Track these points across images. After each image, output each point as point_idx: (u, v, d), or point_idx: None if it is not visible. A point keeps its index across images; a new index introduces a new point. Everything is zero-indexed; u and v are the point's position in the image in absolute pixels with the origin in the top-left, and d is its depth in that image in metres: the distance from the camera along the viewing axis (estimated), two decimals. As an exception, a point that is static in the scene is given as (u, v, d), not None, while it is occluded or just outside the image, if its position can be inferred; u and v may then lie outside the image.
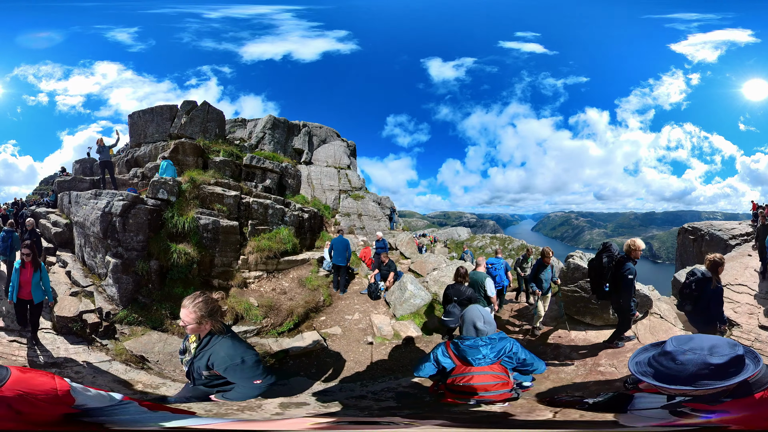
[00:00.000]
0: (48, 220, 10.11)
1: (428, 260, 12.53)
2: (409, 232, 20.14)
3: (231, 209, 8.72)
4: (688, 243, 22.96)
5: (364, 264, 11.26)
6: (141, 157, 11.92)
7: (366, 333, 7.37)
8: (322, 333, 7.28)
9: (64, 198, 10.44)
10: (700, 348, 1.42)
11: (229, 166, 11.08)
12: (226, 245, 8.23)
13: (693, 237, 21.38)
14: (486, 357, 3.27)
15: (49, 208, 11.55)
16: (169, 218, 7.37)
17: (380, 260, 9.45)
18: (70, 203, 9.70)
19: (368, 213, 17.26)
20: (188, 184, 8.42)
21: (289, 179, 13.21)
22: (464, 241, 27.58)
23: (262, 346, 6.40)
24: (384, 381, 5.43)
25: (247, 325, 6.98)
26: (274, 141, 15.75)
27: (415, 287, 8.46)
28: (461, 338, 3.38)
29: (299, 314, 7.60)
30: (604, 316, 6.35)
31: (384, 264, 9.32)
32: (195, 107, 12.08)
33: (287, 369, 6.10)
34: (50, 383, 1.44)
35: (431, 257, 13.10)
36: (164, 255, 6.84)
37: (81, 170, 13.28)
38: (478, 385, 3.24)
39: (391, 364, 6.15)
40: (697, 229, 21.88)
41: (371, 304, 8.67)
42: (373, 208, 17.51)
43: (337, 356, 6.47)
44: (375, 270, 9.48)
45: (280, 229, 9.73)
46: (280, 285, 8.85)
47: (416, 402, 4.07)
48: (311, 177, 16.85)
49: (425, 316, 7.94)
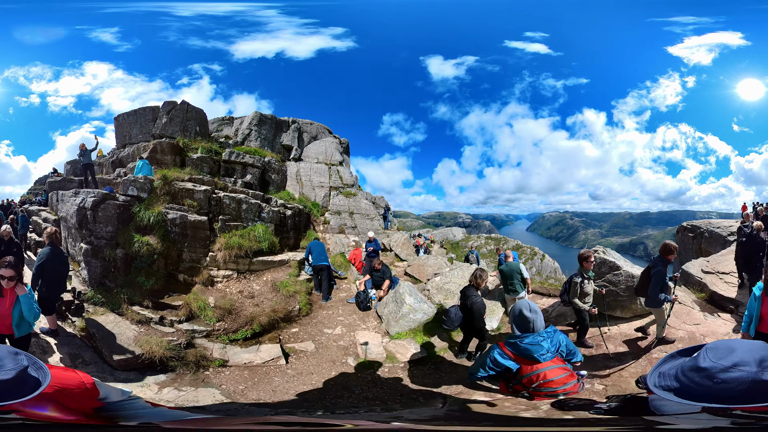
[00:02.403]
0: (39, 217, 11.77)
1: (427, 263, 12.08)
2: (405, 232, 20.18)
3: (201, 204, 9.74)
4: (687, 240, 23.80)
5: (353, 267, 11.00)
6: (125, 158, 13.13)
7: (348, 352, 6.76)
8: (288, 348, 6.92)
9: (53, 197, 12.04)
10: (746, 362, 1.30)
11: (206, 163, 12.19)
12: (194, 240, 9.07)
13: (692, 235, 22.30)
14: (549, 351, 3.59)
15: (41, 206, 13.29)
16: (137, 212, 8.44)
17: (372, 265, 8.98)
18: (57, 201, 11.26)
19: (360, 211, 17.56)
20: (159, 181, 9.60)
21: (272, 174, 14.27)
22: (459, 242, 28.19)
23: (204, 348, 6.51)
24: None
25: (198, 324, 7.24)
26: (261, 137, 16.83)
27: (415, 300, 7.74)
28: (517, 337, 3.65)
29: (261, 323, 7.34)
30: (632, 307, 6.72)
31: (377, 270, 8.74)
32: (175, 107, 13.35)
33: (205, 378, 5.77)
34: (77, 377, 1.59)
35: (430, 260, 12.79)
36: (129, 245, 7.80)
37: (72, 171, 14.87)
38: (557, 380, 3.53)
39: (382, 395, 5.37)
40: (696, 226, 22.82)
41: (359, 317, 8.16)
42: (365, 206, 17.86)
43: (292, 379, 5.88)
44: (365, 275, 9.01)
45: (255, 225, 10.08)
46: (249, 287, 8.93)
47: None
48: (300, 173, 17.68)
49: (429, 332, 7.16)
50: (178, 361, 5.96)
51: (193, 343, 6.64)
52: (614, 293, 6.78)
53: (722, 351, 1.36)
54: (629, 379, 5.18)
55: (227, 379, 5.95)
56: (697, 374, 1.37)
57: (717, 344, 1.42)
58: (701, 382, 1.34)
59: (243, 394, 5.54)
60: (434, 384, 5.62)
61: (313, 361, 6.50)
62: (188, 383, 5.75)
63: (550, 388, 3.47)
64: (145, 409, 1.82)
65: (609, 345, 6.04)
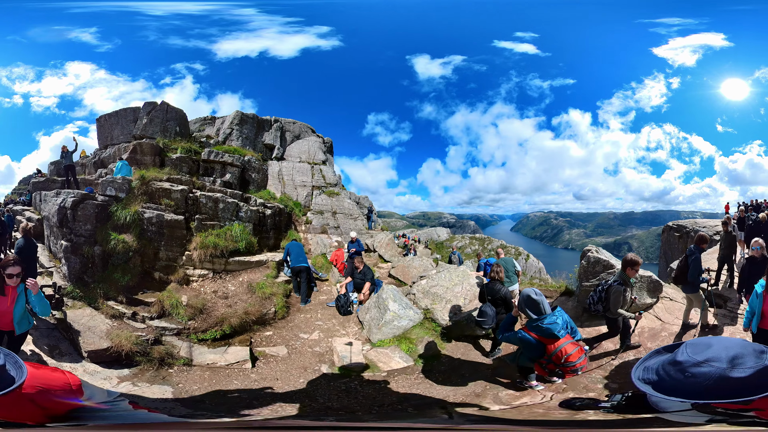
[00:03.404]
0: (23, 216, 12.63)
1: (412, 265, 12.05)
2: (389, 232, 20.67)
3: (178, 203, 10.52)
4: (673, 240, 25.24)
5: (335, 269, 11.04)
6: (107, 159, 13.85)
7: (323, 359, 6.70)
8: (258, 351, 6.96)
9: (36, 197, 12.87)
10: (718, 359, 1.37)
11: (186, 163, 12.95)
12: (171, 239, 9.77)
13: (678, 234, 23.69)
14: (563, 328, 4.45)
15: (25, 206, 14.13)
16: (115, 212, 9.20)
17: (353, 266, 8.81)
18: (40, 201, 12.08)
19: (344, 211, 18.13)
20: (137, 182, 10.42)
21: (252, 174, 15.05)
22: (444, 242, 29.22)
23: (172, 346, 6.80)
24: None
25: (169, 322, 7.65)
26: (243, 137, 17.61)
27: (399, 306, 7.67)
28: (536, 320, 4.43)
29: (232, 324, 7.54)
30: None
31: (358, 271, 8.61)
32: (155, 108, 14.12)
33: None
34: (63, 378, 1.65)
35: (415, 261, 12.76)
36: (106, 242, 8.51)
37: (55, 171, 15.63)
38: (573, 353, 4.35)
39: (353, 404, 5.14)
40: (682, 226, 24.30)
41: (339, 321, 8.17)
42: (349, 206, 18.46)
43: (252, 384, 5.91)
44: (347, 278, 8.88)
45: (232, 225, 10.62)
46: (224, 287, 9.30)
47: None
48: (282, 172, 18.41)
49: (416, 339, 7.04)
50: (143, 356, 6.30)
51: (161, 340, 7.01)
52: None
53: (700, 346, 1.45)
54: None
55: (187, 379, 6.10)
56: (673, 368, 1.45)
57: (698, 340, 1.52)
58: (674, 375, 1.43)
59: (191, 394, 5.67)
60: (419, 395, 5.35)
61: (282, 366, 6.46)
62: (147, 379, 6.00)
63: (572, 362, 4.33)
64: (126, 411, 1.90)
65: (609, 344, 6.24)
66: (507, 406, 4.73)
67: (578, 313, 7.72)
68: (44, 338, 7.08)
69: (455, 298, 8.15)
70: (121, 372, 6.17)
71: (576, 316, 7.46)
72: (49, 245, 10.21)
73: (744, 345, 1.43)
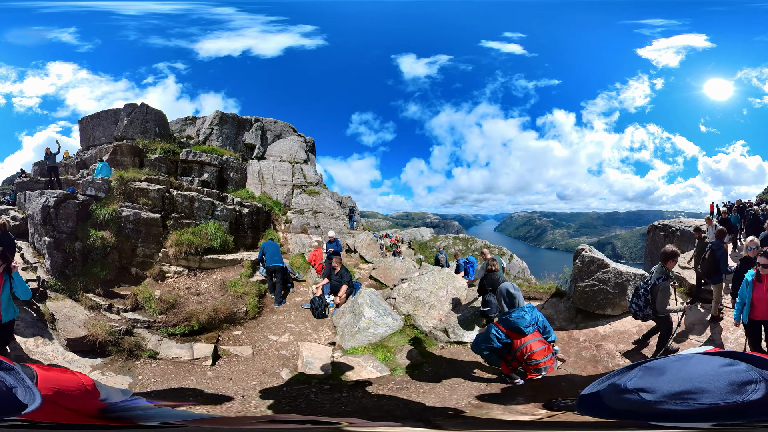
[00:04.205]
0: (8, 215, 13.72)
1: (393, 266, 11.89)
2: (370, 232, 21.01)
3: (155, 202, 11.52)
4: (658, 240, 26.22)
5: (313, 270, 11.00)
6: (89, 159, 14.77)
7: (286, 363, 6.69)
8: (222, 350, 7.14)
9: (21, 197, 13.94)
10: (652, 390, 1.26)
11: (164, 163, 13.96)
12: (148, 237, 10.74)
13: (664, 233, 24.72)
14: (531, 324, 4.57)
15: (10, 206, 15.20)
16: (95, 210, 10.26)
17: (331, 267, 8.55)
18: (25, 201, 13.16)
19: (324, 210, 18.54)
20: (116, 182, 11.48)
21: (231, 173, 16.10)
22: (428, 242, 30.35)
23: (142, 338, 7.21)
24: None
25: (141, 315, 8.22)
26: (223, 137, 18.53)
27: (376, 312, 7.39)
28: (506, 313, 4.64)
29: (200, 321, 7.85)
30: (622, 304, 7.20)
31: (335, 272, 8.39)
32: (135, 109, 15.14)
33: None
34: (76, 378, 1.67)
35: (397, 262, 12.59)
36: (86, 239, 9.53)
37: (39, 172, 16.57)
38: (538, 351, 4.43)
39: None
40: (668, 226, 25.32)
41: (312, 325, 8.20)
42: (330, 205, 18.93)
43: (206, 382, 6.04)
44: (324, 279, 8.69)
45: (208, 223, 11.58)
46: (197, 284, 9.85)
47: None
48: (263, 172, 19.23)
49: (395, 347, 6.76)
50: (114, 346, 6.85)
51: (132, 331, 7.57)
52: (604, 291, 7.28)
53: (653, 371, 1.34)
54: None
55: (149, 371, 6.41)
56: (611, 387, 1.40)
57: (657, 363, 1.39)
58: (609, 394, 1.40)
59: (145, 387, 6.01)
60: (390, 409, 4.99)
61: (242, 367, 6.53)
62: (115, 369, 6.41)
63: (535, 360, 4.44)
64: (149, 409, 1.88)
65: (619, 344, 6.54)
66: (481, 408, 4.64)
67: (572, 315, 7.81)
68: (29, 328, 8.14)
69: (439, 303, 7.92)
70: (94, 361, 6.70)
71: (570, 319, 7.68)
72: (33, 243, 11.26)
73: (716, 376, 1.23)
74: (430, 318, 7.65)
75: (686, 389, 1.23)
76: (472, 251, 27.93)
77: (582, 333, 7.09)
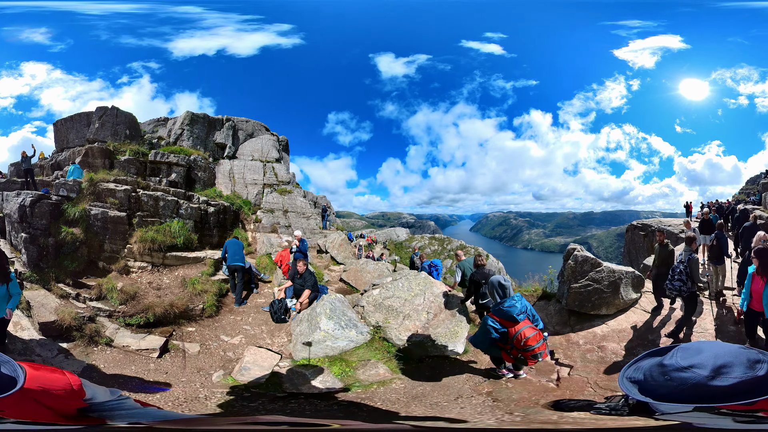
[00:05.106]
0: (-13, 215, 15.37)
1: (366, 269, 11.87)
2: (342, 232, 21.55)
3: (122, 202, 13.10)
4: (638, 239, 27.97)
5: (279, 271, 11.20)
6: (63, 161, 16.23)
7: (226, 366, 6.79)
8: (172, 344, 7.59)
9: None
10: (701, 365, 1.45)
11: (133, 164, 15.54)
12: (114, 234, 12.24)
13: (644, 233, 26.42)
14: (522, 312, 4.87)
15: (-12, 206, 16.88)
16: (66, 209, 11.96)
17: (296, 269, 8.55)
18: (2, 201, 14.83)
19: (296, 209, 19.18)
20: (86, 183, 13.15)
21: (198, 172, 17.66)
22: (403, 242, 31.87)
23: (102, 326, 8.02)
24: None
25: (104, 304, 9.20)
26: (194, 137, 19.95)
27: (335, 324, 6.99)
28: (499, 303, 4.92)
29: (155, 313, 8.57)
30: (616, 303, 7.60)
31: (299, 276, 8.29)
32: (106, 112, 16.70)
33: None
34: (64, 378, 1.77)
35: (369, 265, 12.57)
36: (58, 235, 11.23)
37: (15, 173, 18.21)
38: (531, 337, 4.75)
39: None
40: (648, 225, 27.06)
41: (269, 329, 8.21)
42: (301, 204, 19.67)
43: (145, 372, 6.32)
44: (288, 281, 8.75)
45: (172, 222, 12.93)
46: (159, 280, 10.78)
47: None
48: (233, 171, 20.39)
49: (357, 362, 6.38)
50: (78, 331, 7.74)
51: (95, 319, 8.45)
52: (598, 291, 7.56)
53: (690, 351, 1.54)
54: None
55: (101, 357, 7.02)
56: (658, 369, 1.57)
57: (691, 345, 1.60)
58: (656, 377, 1.55)
59: (88, 372, 6.42)
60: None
61: (183, 363, 6.86)
62: (77, 354, 7.11)
63: (530, 346, 4.75)
64: (134, 409, 1.95)
65: (613, 344, 6.83)
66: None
67: (564, 318, 8.02)
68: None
69: (415, 312, 7.50)
70: (61, 345, 7.55)
71: (563, 322, 7.87)
72: (10, 239, 12.89)
73: (737, 353, 1.47)
74: (405, 330, 7.12)
75: (723, 363, 1.43)
76: (449, 251, 29.42)
77: (580, 336, 7.18)
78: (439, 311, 7.58)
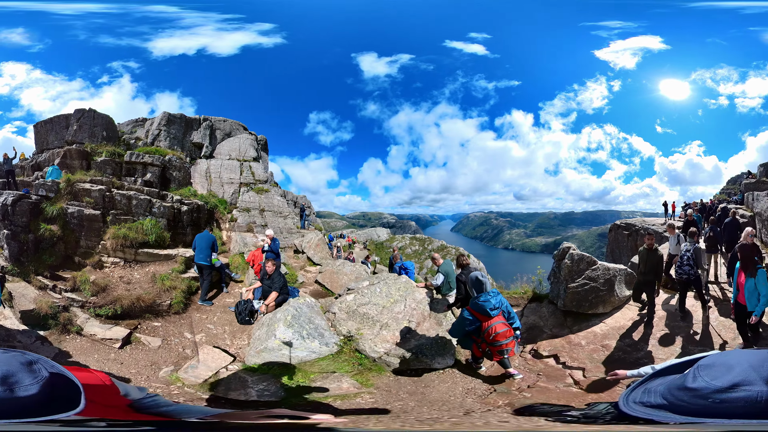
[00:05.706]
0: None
1: (342, 270, 11.52)
2: (320, 232, 21.66)
3: (97, 201, 14.42)
4: (621, 238, 29.40)
5: (251, 271, 11.25)
6: (43, 162, 17.43)
7: (178, 363, 6.88)
8: (134, 337, 8.03)
9: (-19, 196, 17.01)
10: (749, 382, 1.31)
11: (110, 165, 16.79)
12: (90, 231, 13.48)
13: (627, 232, 27.87)
14: (496, 307, 5.11)
15: (-28, 205, 18.24)
16: (45, 208, 13.41)
17: (265, 270, 8.42)
18: (-15, 200, 16.24)
19: (273, 209, 19.54)
20: (64, 183, 14.53)
21: (173, 172, 18.92)
22: (384, 242, 32.95)
23: (75, 315, 8.56)
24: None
25: (78, 295, 9.86)
26: (171, 137, 21.19)
27: (294, 333, 6.51)
28: (475, 297, 5.18)
29: (123, 305, 9.11)
30: (612, 300, 7.79)
31: (267, 277, 8.17)
32: (84, 114, 17.93)
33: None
34: (96, 375, 1.73)
35: (347, 266, 12.11)
36: (37, 231, 12.66)
37: (-3, 172, 19.85)
38: (501, 332, 4.96)
39: None
40: (631, 224, 28.46)
41: (232, 330, 8.30)
42: (279, 204, 20.05)
43: (103, 362, 6.60)
44: (257, 282, 8.71)
45: (145, 220, 14.13)
46: (130, 275, 11.59)
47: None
48: (210, 170, 21.44)
49: (317, 374, 5.93)
50: (53, 320, 8.34)
51: (68, 309, 9.07)
52: (595, 289, 7.70)
53: (718, 369, 1.39)
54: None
55: (70, 345, 7.51)
56: (686, 394, 1.41)
57: (712, 361, 1.45)
58: (693, 401, 1.38)
59: (60, 358, 6.74)
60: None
61: (139, 356, 7.23)
62: (52, 341, 7.60)
63: (498, 341, 4.93)
64: (170, 405, 1.90)
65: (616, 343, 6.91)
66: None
67: (560, 319, 8.01)
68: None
69: (395, 321, 7.03)
70: (39, 333, 8.17)
71: (560, 324, 7.84)
72: (-8, 236, 14.40)
73: (757, 356, 1.39)
74: (381, 341, 6.62)
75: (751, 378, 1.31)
76: (429, 251, 30.47)
77: (580, 336, 7.20)
78: (423, 319, 7.09)
